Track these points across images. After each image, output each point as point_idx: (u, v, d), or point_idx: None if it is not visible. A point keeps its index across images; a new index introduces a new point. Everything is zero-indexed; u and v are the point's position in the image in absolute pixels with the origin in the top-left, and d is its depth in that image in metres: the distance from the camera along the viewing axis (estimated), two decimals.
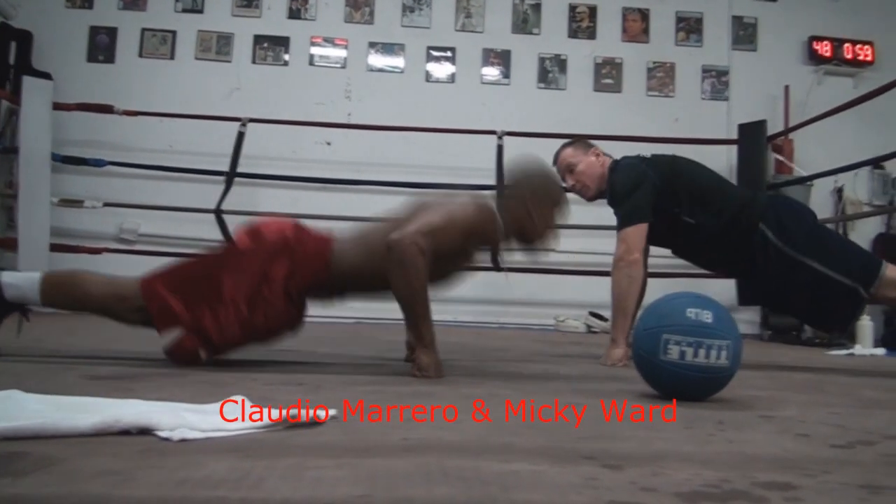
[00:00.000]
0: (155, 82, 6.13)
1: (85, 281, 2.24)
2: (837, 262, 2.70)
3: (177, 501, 0.77)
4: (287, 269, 2.20)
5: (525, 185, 2.36)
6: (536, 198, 2.33)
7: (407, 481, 0.88)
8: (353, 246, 2.29)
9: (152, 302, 2.14)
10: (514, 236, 2.37)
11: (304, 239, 2.27)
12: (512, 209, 2.33)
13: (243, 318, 2.15)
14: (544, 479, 0.92)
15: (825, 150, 6.00)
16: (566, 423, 1.39)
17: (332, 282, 2.28)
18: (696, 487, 0.92)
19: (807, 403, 1.85)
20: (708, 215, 2.83)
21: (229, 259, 2.23)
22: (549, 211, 2.36)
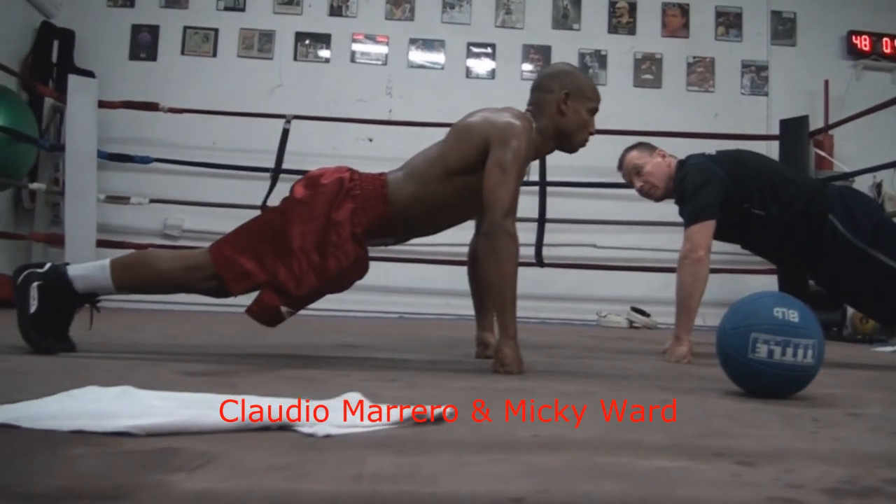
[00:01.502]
0: (197, 80, 6.21)
1: (155, 258, 2.27)
2: None
3: (367, 496, 0.81)
4: (350, 209, 2.22)
5: (554, 84, 2.37)
6: (569, 96, 2.35)
7: (570, 477, 0.91)
8: (406, 177, 2.32)
9: (224, 266, 2.18)
10: (551, 139, 2.40)
11: (359, 179, 2.29)
12: (546, 112, 2.37)
13: (316, 265, 2.18)
14: (694, 476, 0.96)
15: (863, 145, 5.99)
16: (674, 421, 1.42)
17: (393, 217, 2.29)
18: (833, 484, 0.95)
19: (886, 402, 1.87)
20: (778, 207, 2.85)
21: (291, 211, 2.23)
22: (581, 105, 2.38)
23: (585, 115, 2.39)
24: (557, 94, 2.36)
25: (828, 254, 2.81)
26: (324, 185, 2.25)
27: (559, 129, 2.38)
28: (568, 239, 6.00)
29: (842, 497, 0.89)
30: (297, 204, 2.24)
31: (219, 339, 3.06)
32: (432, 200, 2.30)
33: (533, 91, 2.44)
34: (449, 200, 2.30)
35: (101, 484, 0.81)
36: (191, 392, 1.44)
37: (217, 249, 2.22)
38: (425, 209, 2.31)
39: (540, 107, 2.39)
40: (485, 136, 2.23)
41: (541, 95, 2.40)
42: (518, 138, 2.21)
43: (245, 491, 0.82)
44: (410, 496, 0.81)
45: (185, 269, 2.23)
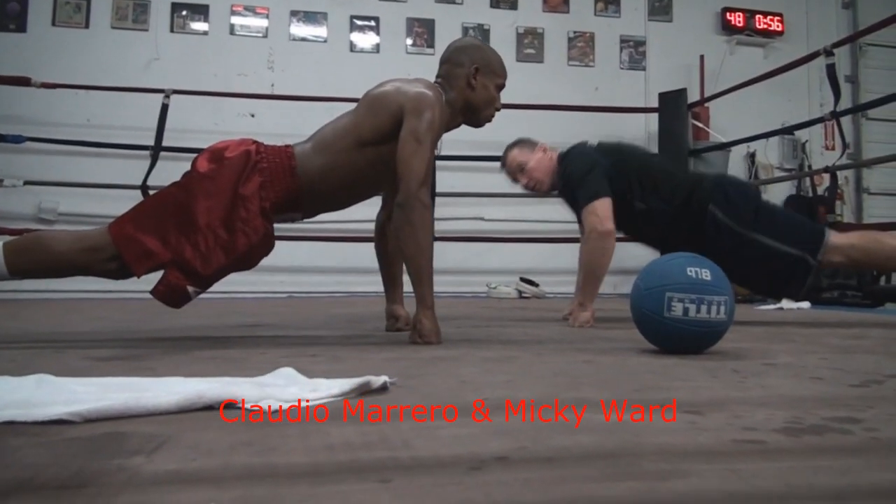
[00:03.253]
0: (69, 53, 5.85)
1: (51, 240, 2.11)
2: (785, 235, 2.87)
3: (349, 465, 0.78)
4: (258, 183, 2.16)
5: (464, 58, 2.39)
6: (479, 71, 2.37)
7: (542, 434, 0.92)
8: (315, 149, 2.27)
9: (126, 246, 2.06)
10: (459, 113, 2.41)
11: (266, 151, 2.23)
12: (455, 85, 2.38)
13: (224, 242, 2.11)
14: (655, 426, 0.98)
15: (737, 116, 6.29)
16: (607, 378, 1.45)
17: (302, 190, 2.24)
18: (783, 425, 0.99)
19: (792, 352, 1.97)
20: (659, 200, 2.97)
21: (195, 186, 2.14)
22: (489, 80, 2.40)
23: (493, 91, 2.41)
24: (467, 67, 2.36)
25: (712, 241, 2.92)
26: (229, 159, 2.17)
27: (468, 102, 2.39)
28: (456, 213, 6.04)
29: (797, 435, 0.94)
30: (202, 178, 2.15)
31: (112, 324, 2.91)
32: (343, 172, 2.26)
33: (442, 64, 2.43)
34: (360, 172, 2.27)
35: (59, 473, 0.76)
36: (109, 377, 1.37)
37: (117, 228, 2.10)
38: (336, 182, 2.27)
39: (449, 80, 2.39)
40: (399, 106, 2.21)
41: (450, 68, 2.39)
42: (431, 109, 2.20)
43: (219, 468, 0.78)
44: (393, 461, 0.80)
45: (83, 250, 2.09)
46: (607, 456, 0.82)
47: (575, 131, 6.39)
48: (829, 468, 0.79)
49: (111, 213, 5.48)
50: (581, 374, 1.51)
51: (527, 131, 6.19)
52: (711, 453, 0.84)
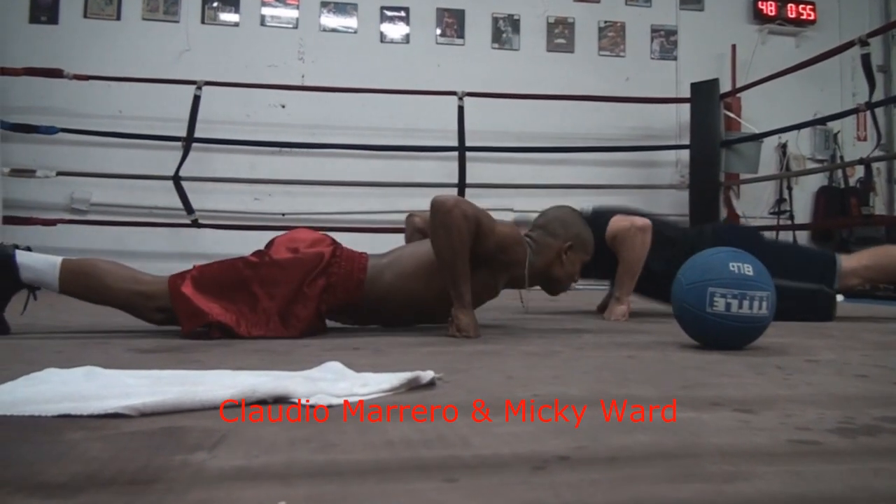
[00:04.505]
0: (101, 44, 5.89)
1: (107, 274, 2.16)
2: (796, 272, 2.88)
3: (415, 463, 0.79)
4: (322, 287, 2.20)
5: (563, 234, 2.46)
6: (572, 248, 2.45)
7: (602, 432, 0.92)
8: (388, 269, 2.31)
9: (181, 303, 2.09)
10: (538, 274, 2.45)
11: (340, 257, 2.27)
12: (544, 251, 2.44)
13: (273, 328, 2.14)
14: (711, 425, 0.98)
15: (769, 107, 6.21)
16: (653, 375, 1.45)
17: (363, 303, 2.29)
18: (837, 425, 0.99)
19: (834, 348, 1.96)
20: (660, 262, 2.90)
21: (266, 270, 2.18)
22: (577, 261, 2.49)
23: (577, 268, 2.49)
24: (562, 242, 2.44)
25: None
26: (304, 254, 2.22)
27: (551, 273, 2.46)
28: (486, 204, 6.00)
29: (852, 436, 0.93)
30: (273, 265, 2.19)
31: None
32: (406, 296, 2.29)
33: (536, 228, 2.51)
34: (423, 299, 2.30)
35: (124, 468, 0.77)
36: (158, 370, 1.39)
37: (176, 285, 2.12)
38: (397, 303, 2.31)
39: (541, 246, 2.45)
40: None
41: (544, 236, 2.47)
42: (504, 224, 2.33)
43: (283, 464, 0.79)
44: (456, 460, 0.80)
45: (136, 293, 2.15)
46: (669, 456, 0.82)
47: (606, 122, 6.42)
48: (889, 471, 0.79)
49: (143, 204, 5.64)
50: (626, 370, 1.51)
51: (557, 122, 6.23)
52: (770, 454, 0.84)
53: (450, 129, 5.69)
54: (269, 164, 5.92)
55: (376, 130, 6.00)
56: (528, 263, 2.37)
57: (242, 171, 5.87)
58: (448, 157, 5.76)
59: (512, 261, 2.34)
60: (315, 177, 5.88)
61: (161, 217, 5.66)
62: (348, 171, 5.95)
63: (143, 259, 4.15)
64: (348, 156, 5.96)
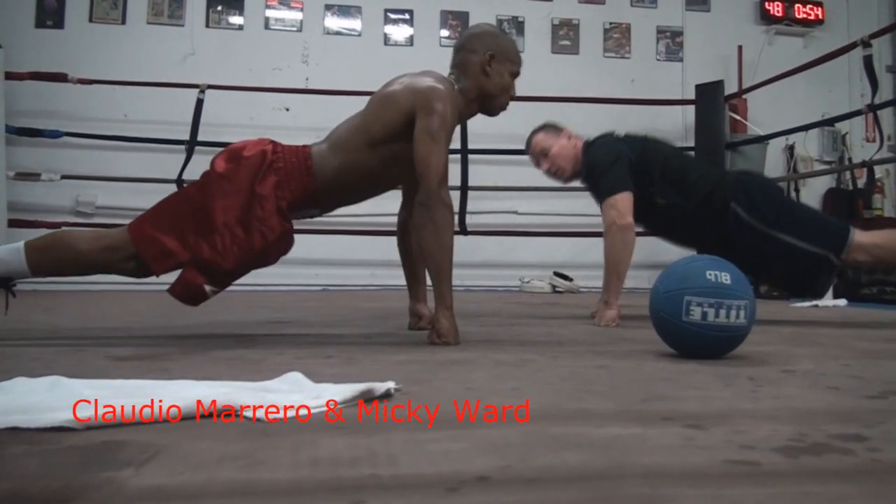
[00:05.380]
0: (106, 48, 5.94)
1: (72, 239, 2.15)
2: (808, 234, 2.82)
3: (329, 483, 0.78)
4: (274, 182, 2.18)
5: (479, 45, 2.36)
6: (494, 58, 2.35)
7: (531, 451, 0.91)
8: (330, 148, 2.28)
9: (145, 245, 2.09)
10: (474, 102, 2.39)
11: (283, 151, 2.24)
12: (469, 73, 2.35)
13: (241, 240, 2.12)
14: (650, 443, 0.96)
15: (776, 108, 6.17)
16: (615, 386, 1.43)
17: (319, 189, 2.26)
18: (784, 443, 0.97)
19: (815, 357, 1.93)
20: (680, 196, 2.93)
21: (213, 185, 2.16)
22: (504, 68, 2.38)
23: (508, 78, 2.39)
24: (482, 55, 2.34)
25: (734, 239, 2.90)
26: (246, 158, 2.19)
27: (482, 90, 2.36)
28: (490, 206, 6.02)
29: (795, 455, 0.91)
30: (219, 178, 2.17)
31: (143, 319, 2.96)
32: (357, 170, 2.26)
33: (456, 52, 2.41)
34: (374, 169, 2.26)
35: (49, 485, 0.77)
36: (124, 379, 1.39)
37: (136, 228, 2.13)
38: (350, 179, 2.28)
39: (463, 68, 2.36)
40: (410, 103, 2.19)
41: (465, 56, 2.37)
42: (443, 102, 2.18)
43: (201, 485, 0.78)
44: (373, 480, 0.79)
45: (103, 249, 2.13)
46: (591, 478, 0.80)
47: (611, 124, 6.30)
48: (820, 495, 0.76)
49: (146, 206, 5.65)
50: (591, 381, 1.49)
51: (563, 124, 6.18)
52: (700, 476, 0.82)
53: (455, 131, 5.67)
54: None
55: None
56: (462, 91, 2.32)
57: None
58: (453, 159, 5.73)
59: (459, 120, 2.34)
60: None
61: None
62: None
63: None
64: None
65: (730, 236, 2.89)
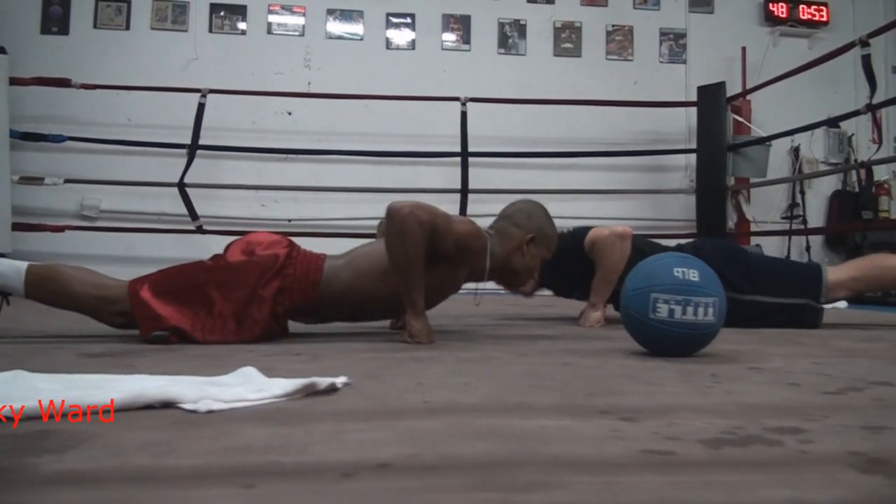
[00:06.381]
0: (110, 54, 5.97)
1: (70, 279, 2.19)
2: (780, 288, 2.82)
3: (231, 468, 0.79)
4: (277, 288, 2.20)
5: (525, 224, 2.42)
6: (534, 240, 2.40)
7: (445, 440, 0.91)
8: (344, 269, 2.30)
9: (139, 308, 2.11)
10: (499, 268, 2.41)
11: (295, 258, 2.27)
12: (506, 241, 2.39)
13: (230, 331, 2.15)
14: (572, 434, 0.96)
15: (781, 110, 6.11)
16: (569, 382, 1.43)
17: (320, 304, 2.28)
18: (714, 435, 0.97)
19: (789, 355, 1.92)
20: None
21: (221, 273, 2.20)
22: (538, 254, 2.44)
23: (538, 262, 2.45)
24: (524, 233, 2.39)
25: None
26: (259, 257, 2.23)
27: (510, 264, 2.40)
28: (491, 209, 6.00)
29: (718, 447, 0.91)
30: (228, 268, 2.21)
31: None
32: (364, 296, 2.27)
33: (501, 218, 2.47)
34: (380, 299, 2.28)
35: None
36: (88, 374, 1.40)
37: (135, 290, 2.14)
38: (355, 302, 2.29)
39: (503, 236, 2.41)
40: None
41: (508, 227, 2.42)
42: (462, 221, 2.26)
43: (110, 470, 0.80)
44: (273, 466, 0.80)
45: (98, 298, 2.17)
46: (491, 466, 0.80)
47: (614, 126, 6.37)
48: (722, 483, 0.76)
49: (152, 211, 5.69)
50: (547, 377, 1.49)
51: (564, 127, 6.19)
52: (605, 464, 0.82)
53: (457, 134, 5.69)
54: (276, 171, 5.95)
55: (382, 137, 6.01)
56: (490, 253, 2.33)
57: (249, 177, 5.90)
58: (455, 162, 5.75)
59: (472, 255, 2.30)
60: (321, 183, 5.90)
61: (169, 223, 5.71)
62: (354, 177, 5.97)
63: (151, 265, 4.14)
64: (354, 162, 5.98)
65: None
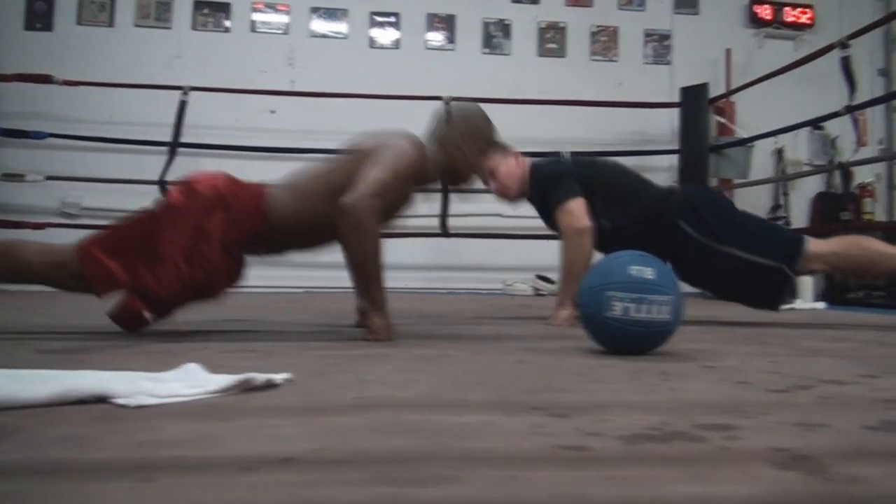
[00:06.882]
0: (94, 51, 5.97)
1: (21, 250, 2.17)
2: (759, 247, 2.80)
3: (136, 462, 0.79)
4: (223, 222, 2.18)
5: (459, 123, 2.39)
6: (469, 136, 2.37)
7: (360, 435, 0.91)
8: (288, 194, 2.28)
9: (90, 267, 2.10)
10: (446, 174, 2.41)
11: (237, 191, 2.25)
12: (446, 147, 2.37)
13: (183, 274, 2.13)
14: (493, 429, 0.96)
15: (766, 112, 6.12)
16: (515, 379, 1.43)
17: (270, 233, 2.26)
18: (638, 431, 0.96)
19: (748, 354, 1.92)
20: (625, 219, 2.92)
21: (164, 216, 2.18)
22: (479, 148, 2.40)
23: (478, 157, 2.42)
24: (458, 131, 2.38)
25: (683, 258, 2.88)
26: (198, 193, 2.21)
27: (452, 165, 2.39)
28: (473, 209, 6.01)
29: (637, 442, 0.91)
30: (170, 209, 2.19)
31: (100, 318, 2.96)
32: (312, 218, 2.25)
33: (436, 120, 2.45)
34: (329, 219, 2.23)
35: None
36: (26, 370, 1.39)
37: (85, 249, 2.14)
38: (303, 226, 2.28)
39: (438, 138, 2.39)
40: (374, 154, 2.21)
41: (442, 127, 2.41)
42: (403, 149, 2.22)
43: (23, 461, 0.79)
44: (178, 460, 0.79)
45: (49, 264, 2.15)
46: (396, 460, 0.80)
47: (598, 127, 6.38)
48: (627, 478, 0.76)
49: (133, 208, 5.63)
50: (494, 374, 1.49)
51: (549, 127, 6.18)
52: (513, 459, 0.82)
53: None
54: (259, 169, 5.85)
55: None
56: (434, 164, 2.34)
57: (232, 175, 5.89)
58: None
59: (422, 181, 2.34)
60: None
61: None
62: None
63: None
64: None
65: (680, 255, 2.88)
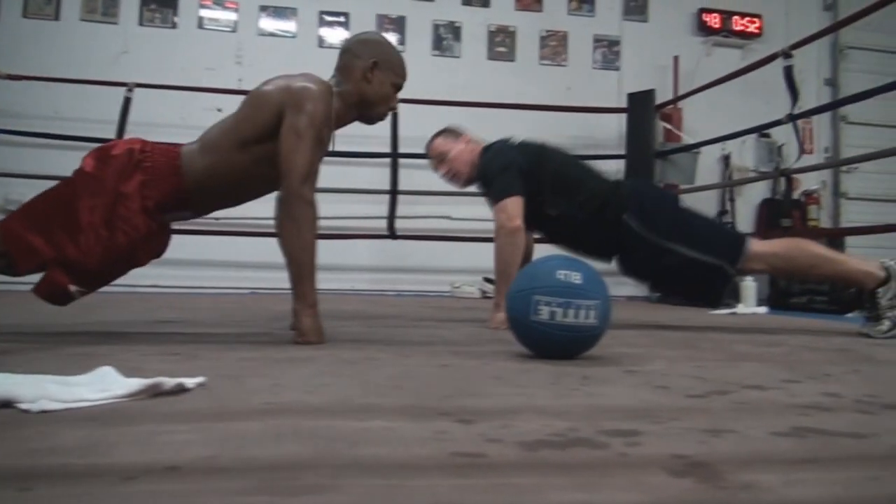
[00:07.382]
0: (40, 44, 5.85)
1: None
2: (702, 244, 2.82)
3: (22, 471, 0.77)
4: (140, 184, 2.15)
5: (364, 51, 2.34)
6: (377, 65, 2.32)
7: (255, 442, 0.90)
8: (201, 149, 2.25)
9: (11, 242, 2.07)
10: (353, 107, 2.35)
11: (151, 151, 2.22)
12: (349, 76, 2.33)
13: (105, 240, 2.10)
14: (394, 436, 0.96)
15: (713, 119, 6.19)
16: (434, 384, 1.43)
17: (190, 192, 2.23)
18: (541, 437, 0.97)
19: (675, 358, 1.94)
20: (571, 207, 2.91)
21: (80, 184, 2.14)
22: (387, 77, 2.35)
23: (389, 89, 2.36)
24: (365, 61, 2.31)
25: (627, 250, 2.91)
26: (113, 157, 2.17)
27: (362, 96, 2.33)
28: (423, 211, 6.01)
29: (535, 449, 0.91)
30: (86, 177, 2.15)
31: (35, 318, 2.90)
32: (228, 171, 2.23)
33: (341, 54, 2.39)
34: (246, 170, 2.23)
35: None
36: None
37: (6, 226, 2.10)
38: (221, 180, 2.24)
39: (346, 71, 2.34)
40: (279, 103, 2.17)
41: (349, 59, 2.35)
42: (313, 102, 2.16)
43: None
44: (63, 468, 0.78)
45: None
46: (283, 468, 0.79)
47: (547, 131, 6.34)
48: (514, 486, 0.76)
49: None
50: (413, 378, 1.49)
51: (497, 131, 6.13)
52: (403, 467, 0.82)
53: (386, 135, 5.66)
54: None
55: None
56: (339, 94, 2.30)
57: None
58: (381, 163, 5.75)
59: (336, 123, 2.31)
60: None
61: None
62: None
63: None
64: None
65: (622, 247, 2.90)
